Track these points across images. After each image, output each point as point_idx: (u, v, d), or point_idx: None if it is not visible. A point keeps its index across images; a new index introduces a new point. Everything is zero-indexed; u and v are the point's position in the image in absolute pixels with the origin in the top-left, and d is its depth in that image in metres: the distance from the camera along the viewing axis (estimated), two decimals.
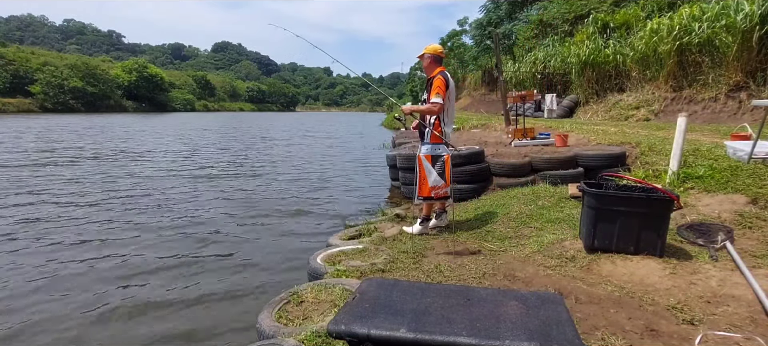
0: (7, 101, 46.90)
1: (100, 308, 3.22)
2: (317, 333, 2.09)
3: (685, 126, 4.15)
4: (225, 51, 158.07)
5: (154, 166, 10.19)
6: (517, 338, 1.27)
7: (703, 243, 3.02)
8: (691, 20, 10.25)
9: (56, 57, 61.96)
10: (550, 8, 19.64)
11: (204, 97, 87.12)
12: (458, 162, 5.47)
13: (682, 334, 1.97)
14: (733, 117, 8.79)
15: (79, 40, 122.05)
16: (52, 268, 3.93)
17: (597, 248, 2.97)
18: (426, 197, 3.76)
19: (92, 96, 54.62)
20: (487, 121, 12.90)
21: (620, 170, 5.14)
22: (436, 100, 3.57)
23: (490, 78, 22.99)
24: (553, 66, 16.33)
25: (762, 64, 8.79)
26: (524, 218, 4.02)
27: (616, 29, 13.89)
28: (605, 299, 2.35)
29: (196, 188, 7.64)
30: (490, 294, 1.61)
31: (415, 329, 1.32)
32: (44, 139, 15.91)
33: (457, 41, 34.10)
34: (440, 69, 3.73)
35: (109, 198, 6.68)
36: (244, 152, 13.79)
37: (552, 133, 7.50)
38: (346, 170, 10.31)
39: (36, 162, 10.19)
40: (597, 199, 2.90)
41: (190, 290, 3.54)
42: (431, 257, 3.26)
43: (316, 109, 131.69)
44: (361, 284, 1.71)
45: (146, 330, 2.94)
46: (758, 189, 3.59)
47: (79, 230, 5.06)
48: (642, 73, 12.14)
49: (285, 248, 4.60)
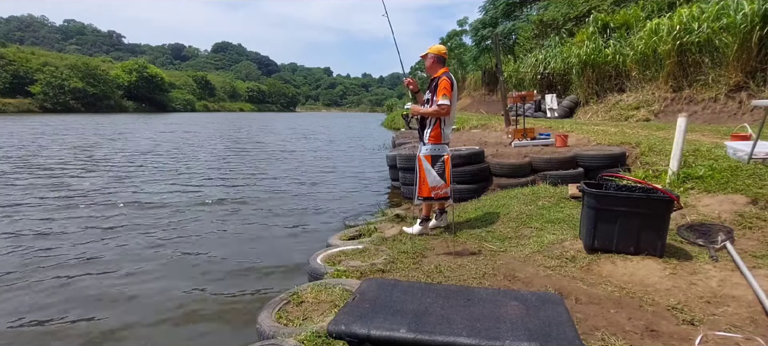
0: (7, 101, 46.94)
1: (100, 309, 3.22)
2: (317, 333, 2.09)
3: (685, 126, 4.15)
4: (225, 51, 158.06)
5: (152, 167, 10.19)
6: (517, 339, 1.27)
7: (703, 243, 3.01)
8: (691, 20, 10.26)
9: (56, 57, 61.97)
10: (550, 8, 19.65)
11: (204, 97, 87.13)
12: (458, 162, 5.47)
13: (682, 334, 1.97)
14: (733, 117, 8.79)
15: (79, 40, 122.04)
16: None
17: (597, 248, 2.97)
18: (426, 198, 3.76)
19: (92, 96, 54.62)
20: (487, 122, 12.90)
21: (620, 170, 5.14)
22: (444, 103, 3.56)
23: (490, 78, 23.00)
24: (553, 66, 16.34)
25: (762, 64, 8.79)
26: (524, 219, 4.01)
27: (616, 29, 13.90)
28: (605, 300, 2.35)
29: (196, 188, 7.64)
30: (490, 294, 1.61)
31: (415, 330, 1.32)
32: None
33: (456, 41, 34.11)
34: (444, 70, 3.73)
35: (109, 198, 6.68)
36: (244, 152, 13.79)
37: (552, 133, 7.50)
38: (346, 170, 10.31)
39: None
40: (597, 199, 2.90)
41: (190, 290, 3.54)
42: (431, 257, 3.26)
43: (316, 110, 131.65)
44: (361, 284, 1.71)
45: (146, 331, 2.94)
46: (758, 189, 3.59)
47: (78, 231, 5.07)
48: (642, 74, 12.14)
49: (285, 248, 4.60)
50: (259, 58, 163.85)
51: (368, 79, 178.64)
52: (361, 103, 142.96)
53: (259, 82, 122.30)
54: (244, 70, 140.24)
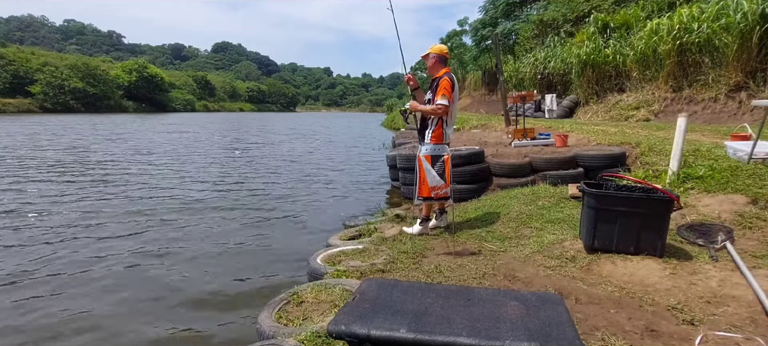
0: (7, 101, 46.92)
1: (100, 309, 3.22)
2: (317, 333, 2.09)
3: (685, 126, 4.15)
4: (225, 51, 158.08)
5: (150, 167, 10.19)
6: (517, 339, 1.27)
7: (703, 243, 3.01)
8: (691, 20, 10.26)
9: (56, 57, 61.93)
10: (550, 8, 19.65)
11: (204, 97, 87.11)
12: (458, 162, 5.47)
13: (682, 334, 1.97)
14: (733, 117, 8.79)
15: (79, 40, 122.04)
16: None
17: (597, 248, 2.97)
18: (426, 198, 3.76)
19: (92, 96, 54.58)
20: (487, 122, 12.90)
21: (620, 170, 5.14)
22: (442, 102, 3.56)
23: (491, 78, 23.00)
24: (553, 66, 16.34)
25: (762, 64, 8.79)
26: (524, 219, 4.01)
27: (616, 29, 13.90)
28: (605, 300, 2.35)
29: (196, 188, 7.65)
30: (490, 294, 1.61)
31: (415, 330, 1.32)
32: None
33: (457, 41, 34.12)
34: (446, 70, 3.73)
35: (105, 201, 6.68)
36: (244, 153, 13.79)
37: (552, 133, 7.50)
38: (346, 170, 10.31)
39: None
40: (597, 199, 2.90)
41: (190, 290, 3.54)
42: (431, 257, 3.26)
43: (316, 110, 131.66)
44: (361, 284, 1.71)
45: (145, 331, 2.94)
46: (758, 189, 3.59)
47: (77, 231, 5.07)
48: (642, 74, 12.14)
49: (285, 249, 4.60)
50: (259, 58, 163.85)
51: (368, 79, 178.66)
52: (361, 103, 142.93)
53: (259, 82, 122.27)
54: (244, 70, 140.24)
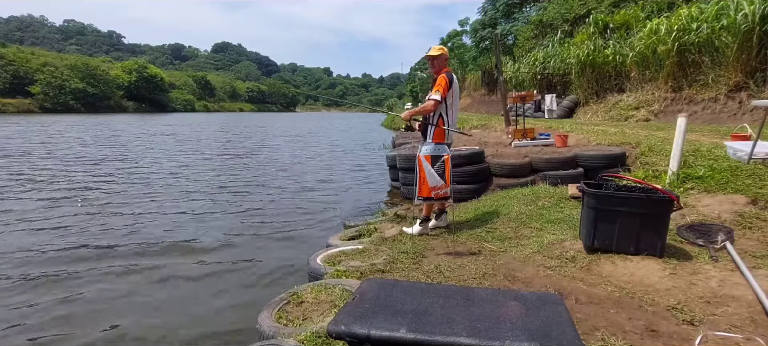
0: (7, 102, 46.92)
1: (101, 309, 3.22)
2: (317, 334, 2.08)
3: (685, 126, 4.15)
4: (225, 51, 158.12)
5: (149, 167, 10.19)
6: (517, 339, 1.27)
7: (703, 243, 3.01)
8: (691, 20, 10.25)
9: (56, 57, 61.95)
10: (549, 8, 19.65)
11: (204, 97, 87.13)
12: (458, 162, 5.46)
13: (682, 334, 1.97)
14: (733, 117, 8.78)
15: (79, 40, 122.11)
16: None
17: (597, 248, 2.97)
18: (426, 198, 3.75)
19: (92, 96, 54.62)
20: (487, 122, 12.90)
21: (620, 171, 5.14)
22: (433, 97, 3.56)
23: (490, 78, 23.00)
24: (552, 66, 16.34)
25: (762, 64, 8.79)
26: (524, 219, 4.01)
27: (616, 30, 13.90)
28: (605, 300, 2.34)
29: (197, 188, 7.64)
30: (490, 294, 1.61)
31: (415, 330, 1.32)
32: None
33: (457, 41, 34.14)
34: (446, 69, 3.74)
35: (107, 199, 6.68)
36: (244, 153, 13.78)
37: (552, 133, 7.50)
38: (345, 171, 10.31)
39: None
40: (597, 199, 2.90)
41: (190, 290, 3.54)
42: (431, 257, 3.25)
43: (316, 110, 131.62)
44: (361, 284, 1.71)
45: (145, 332, 2.94)
46: (758, 189, 3.59)
47: (76, 232, 5.07)
48: (642, 74, 12.14)
49: (285, 249, 4.60)
50: (259, 58, 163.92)
51: (368, 79, 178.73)
52: (361, 104, 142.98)
53: (259, 83, 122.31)
54: (244, 71, 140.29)
